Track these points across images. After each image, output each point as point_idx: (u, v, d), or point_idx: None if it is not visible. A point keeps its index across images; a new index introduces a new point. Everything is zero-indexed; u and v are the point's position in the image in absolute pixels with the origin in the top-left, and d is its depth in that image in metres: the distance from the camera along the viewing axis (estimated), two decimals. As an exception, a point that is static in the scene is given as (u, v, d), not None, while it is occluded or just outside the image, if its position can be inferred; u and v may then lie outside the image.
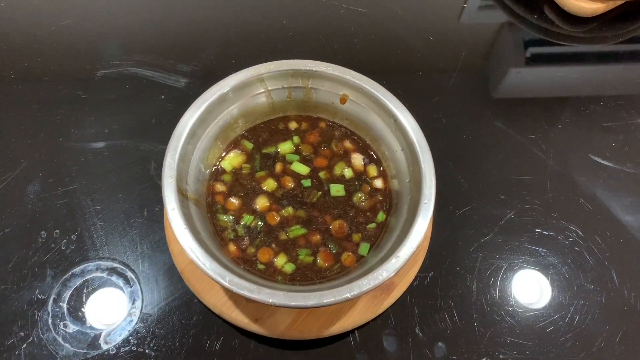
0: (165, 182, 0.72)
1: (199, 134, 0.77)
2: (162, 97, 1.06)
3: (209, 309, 0.80)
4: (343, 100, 0.84)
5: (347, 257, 0.76)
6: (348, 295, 0.66)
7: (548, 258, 0.96)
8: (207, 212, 0.77)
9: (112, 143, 0.99)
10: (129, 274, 0.85)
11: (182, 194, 0.71)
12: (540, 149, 1.10)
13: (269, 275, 0.73)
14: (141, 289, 0.83)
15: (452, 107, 1.10)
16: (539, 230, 0.98)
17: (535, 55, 1.27)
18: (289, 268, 0.73)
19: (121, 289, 0.83)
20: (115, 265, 0.85)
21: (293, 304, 0.65)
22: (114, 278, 0.84)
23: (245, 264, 0.73)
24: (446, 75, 1.19)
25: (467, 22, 1.33)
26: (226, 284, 0.66)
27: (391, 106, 0.81)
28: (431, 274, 0.91)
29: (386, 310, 0.81)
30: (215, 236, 0.75)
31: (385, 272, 0.68)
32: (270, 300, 0.65)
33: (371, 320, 0.80)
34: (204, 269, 0.67)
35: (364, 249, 0.76)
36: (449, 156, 1.06)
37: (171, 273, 0.84)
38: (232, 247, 0.75)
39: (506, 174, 1.01)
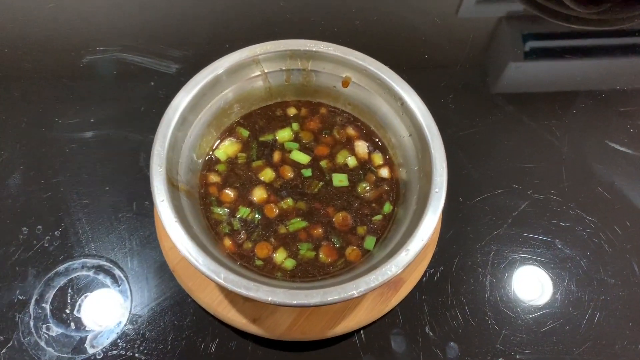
0: (153, 171, 0.68)
1: (190, 120, 0.74)
2: (152, 83, 1.03)
3: (203, 309, 0.78)
4: (345, 83, 0.81)
5: (351, 252, 0.73)
6: (354, 292, 0.62)
7: (565, 251, 0.92)
8: (200, 205, 0.74)
9: (99, 133, 0.96)
10: (117, 272, 0.82)
11: (172, 184, 0.68)
12: (554, 135, 1.06)
13: (268, 271, 0.70)
14: (130, 288, 0.80)
15: (461, 92, 1.07)
16: (555, 222, 0.95)
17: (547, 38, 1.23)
18: (289, 264, 0.71)
19: (109, 288, 0.80)
20: (102, 262, 0.82)
21: (294, 302, 0.61)
22: (100, 277, 0.81)
23: (242, 260, 0.71)
24: (454, 58, 1.16)
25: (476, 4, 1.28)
26: (221, 282, 0.62)
27: (398, 88, 0.77)
28: (441, 269, 0.87)
29: (394, 309, 0.79)
30: (209, 230, 0.72)
31: (394, 267, 0.64)
32: (270, 299, 0.61)
33: (378, 320, 0.78)
34: (196, 265, 0.63)
35: (369, 242, 0.73)
36: (458, 144, 1.02)
37: (162, 271, 0.81)
38: (227, 242, 0.72)
39: (519, 162, 0.99)
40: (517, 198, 0.95)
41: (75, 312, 0.78)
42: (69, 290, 0.79)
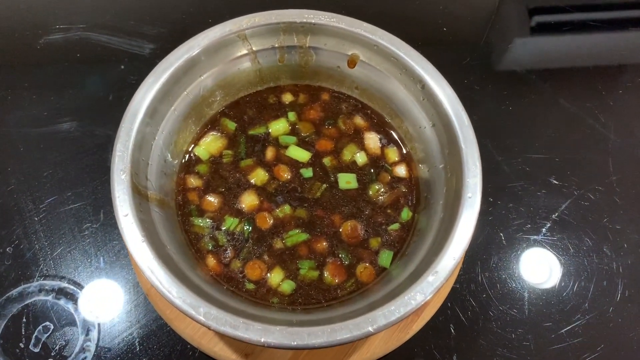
0: (114, 178, 0.60)
1: (161, 112, 0.69)
2: (122, 67, 0.98)
3: (184, 341, 0.72)
4: (352, 62, 0.75)
5: (363, 270, 0.68)
6: (369, 328, 0.54)
7: (616, 259, 0.83)
8: (178, 216, 0.70)
9: (58, 128, 0.90)
10: (82, 296, 0.76)
11: (139, 193, 0.62)
12: (597, 120, 0.97)
13: (261, 297, 0.66)
14: (97, 316, 0.75)
15: (487, 71, 1.02)
16: (605, 223, 0.86)
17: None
18: (288, 287, 0.66)
19: (71, 316, 0.75)
20: (64, 285, 0.77)
21: (294, 344, 0.54)
22: (62, 302, 0.76)
23: (229, 284, 0.66)
24: (478, 32, 1.08)
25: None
26: (200, 318, 0.54)
27: (417, 68, 0.69)
28: (471, 286, 0.80)
29: (415, 336, 0.72)
30: (188, 248, 0.68)
31: (419, 294, 0.56)
32: (263, 340, 0.54)
33: (396, 349, 0.72)
34: (169, 297, 0.55)
35: (385, 258, 0.68)
36: (485, 132, 0.93)
37: (136, 294, 0.77)
38: (211, 262, 0.67)
39: (558, 153, 0.93)
40: (557, 196, 0.88)
41: (31, 347, 0.72)
42: (24, 320, 0.74)
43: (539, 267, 0.82)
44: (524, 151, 0.92)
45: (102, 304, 0.76)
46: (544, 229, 0.85)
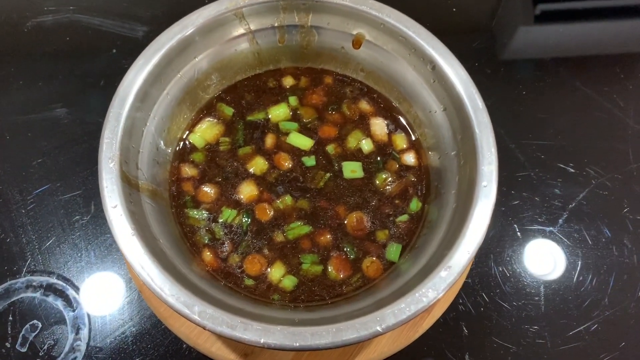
0: (102, 167, 0.58)
1: (153, 96, 0.66)
2: (114, 51, 0.96)
3: (180, 340, 0.70)
4: (357, 42, 0.73)
5: (370, 265, 0.66)
6: (378, 328, 0.52)
7: (638, 253, 0.80)
8: (171, 207, 0.68)
9: (47, 115, 0.88)
10: (71, 292, 0.75)
11: (129, 183, 0.60)
12: (616, 105, 0.94)
13: (261, 294, 0.64)
14: (88, 314, 0.73)
15: (499, 54, 1.00)
16: (625, 214, 0.83)
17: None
18: (289, 283, 0.64)
19: (61, 313, 0.73)
20: (53, 280, 0.75)
21: (297, 344, 0.51)
22: (50, 299, 0.74)
23: (227, 280, 0.64)
24: (489, 11, 1.05)
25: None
26: (195, 318, 0.51)
27: (428, 47, 0.66)
28: (484, 280, 0.78)
29: (425, 334, 0.70)
30: (182, 241, 0.65)
31: (431, 291, 0.53)
32: (263, 341, 0.51)
33: (405, 348, 0.69)
34: (161, 295, 0.52)
35: (394, 252, 0.66)
36: (497, 118, 0.86)
37: (129, 290, 0.75)
38: (207, 256, 0.65)
39: (575, 140, 0.90)
40: (574, 185, 0.86)
41: (17, 347, 0.71)
42: (10, 318, 0.72)
43: (555, 261, 0.80)
44: (538, 138, 0.90)
45: (93, 300, 0.74)
46: (560, 220, 0.82)
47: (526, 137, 0.90)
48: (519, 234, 0.81)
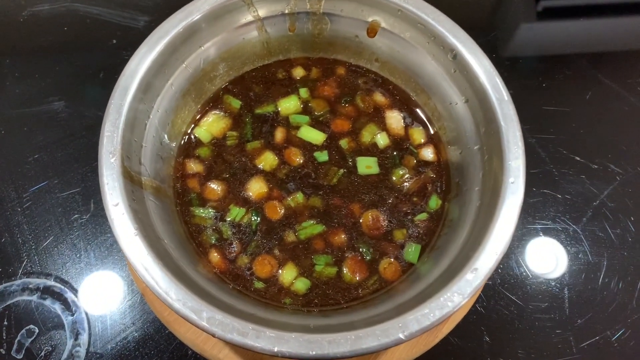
0: (103, 162, 0.56)
1: (156, 87, 0.65)
2: (114, 41, 0.95)
3: (185, 346, 0.69)
4: (372, 30, 0.71)
5: (388, 266, 0.64)
6: (400, 335, 0.50)
7: None
8: (176, 206, 0.66)
9: (44, 109, 0.87)
10: (70, 295, 0.73)
11: (131, 179, 0.58)
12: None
13: (272, 297, 0.62)
14: (87, 318, 0.72)
15: (518, 43, 0.98)
16: None
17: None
18: (302, 285, 0.63)
19: (59, 318, 0.72)
20: (50, 283, 0.74)
21: (312, 353, 0.49)
22: (48, 302, 0.73)
23: (236, 282, 0.62)
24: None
25: None
26: (204, 324, 0.49)
27: (449, 35, 0.64)
28: (505, 283, 0.76)
29: (444, 339, 0.68)
30: (188, 242, 0.64)
31: (456, 295, 0.51)
32: (276, 349, 0.49)
33: (423, 354, 0.68)
34: (167, 300, 0.50)
35: (412, 252, 0.64)
36: (517, 113, 0.86)
37: (131, 293, 0.74)
38: (214, 257, 0.64)
39: (599, 135, 0.89)
40: (598, 181, 0.84)
41: (13, 353, 0.69)
42: (5, 323, 0.71)
43: (579, 262, 0.77)
44: (560, 132, 0.88)
45: (93, 304, 0.73)
46: (584, 219, 0.80)
47: (547, 132, 0.88)
48: (540, 233, 0.79)
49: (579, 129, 0.88)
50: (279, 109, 0.72)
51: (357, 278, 0.62)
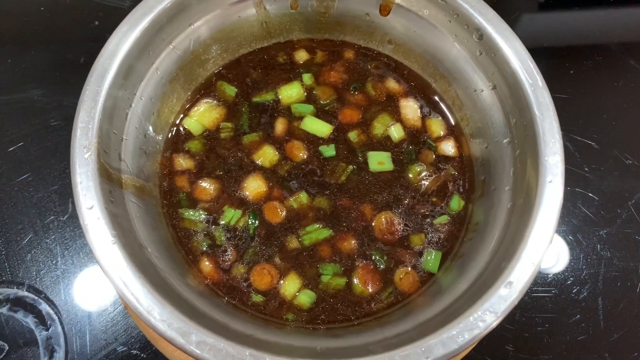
0: (75, 158, 0.52)
1: (139, 71, 0.62)
2: (96, 23, 0.91)
3: None
4: (385, 8, 0.69)
5: (404, 277, 0.62)
6: None
7: None
8: (162, 207, 0.63)
9: (18, 97, 0.84)
10: (45, 307, 0.70)
11: (109, 178, 0.54)
12: None
13: (272, 313, 0.60)
14: (64, 333, 0.69)
15: (544, 26, 0.96)
16: None
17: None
18: (306, 299, 0.60)
19: (32, 333, 0.68)
20: (22, 293, 0.71)
21: None
22: (19, 315, 0.69)
23: (231, 295, 0.60)
24: None
25: None
26: (193, 350, 0.46)
27: (474, 13, 0.61)
28: (532, 293, 0.72)
29: (466, 356, 0.65)
30: (176, 249, 0.61)
31: (488, 313, 0.48)
32: None
33: None
34: (149, 320, 0.46)
35: (432, 261, 0.62)
36: None
37: (112, 306, 0.70)
38: (206, 266, 0.61)
39: (632, 126, 0.86)
40: (633, 178, 0.82)
41: None
42: None
43: (614, 268, 0.74)
44: (589, 124, 0.86)
45: (70, 317, 0.70)
46: (619, 220, 0.78)
47: (576, 124, 0.85)
48: (570, 237, 0.76)
49: (610, 119, 0.84)
50: (280, 97, 0.70)
51: (370, 290, 0.60)
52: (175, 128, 0.66)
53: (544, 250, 0.49)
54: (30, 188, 0.77)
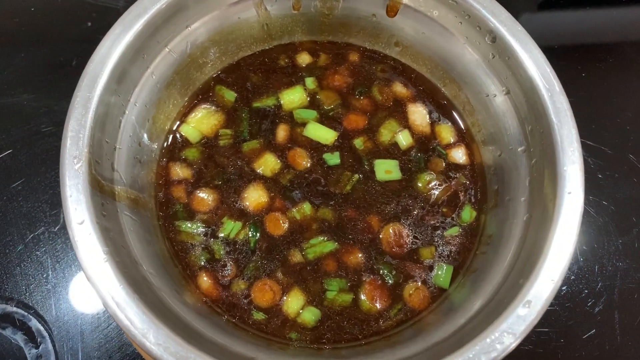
0: (65, 170, 0.50)
1: (133, 76, 0.60)
2: (89, 24, 0.89)
3: None
4: (393, 8, 0.67)
5: (414, 292, 0.60)
6: None
7: None
8: (158, 219, 0.61)
9: (7, 102, 0.83)
10: (35, 323, 0.68)
11: (101, 190, 0.52)
12: None
13: (275, 332, 0.58)
14: (55, 351, 0.67)
15: (547, 21, 0.95)
16: None
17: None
18: (310, 316, 0.59)
19: (20, 351, 0.67)
20: (11, 309, 0.69)
21: None
22: (7, 332, 0.67)
23: (231, 313, 0.58)
24: None
25: None
26: None
27: (487, 14, 0.59)
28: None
29: None
30: (173, 264, 0.59)
31: (506, 335, 0.46)
32: None
33: None
34: (144, 344, 0.44)
35: (443, 275, 0.61)
36: None
37: (106, 321, 0.69)
38: (204, 282, 0.60)
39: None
40: None
41: None
42: None
43: (631, 279, 0.72)
44: (602, 127, 0.85)
45: (62, 333, 0.68)
46: (635, 229, 0.76)
47: (587, 128, 0.82)
48: (584, 247, 0.74)
49: (625, 122, 0.83)
50: (282, 102, 0.68)
51: (378, 307, 0.59)
52: (171, 135, 0.65)
53: (564, 267, 0.47)
54: (20, 197, 0.75)
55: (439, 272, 0.58)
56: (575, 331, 0.69)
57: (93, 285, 0.45)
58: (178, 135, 0.65)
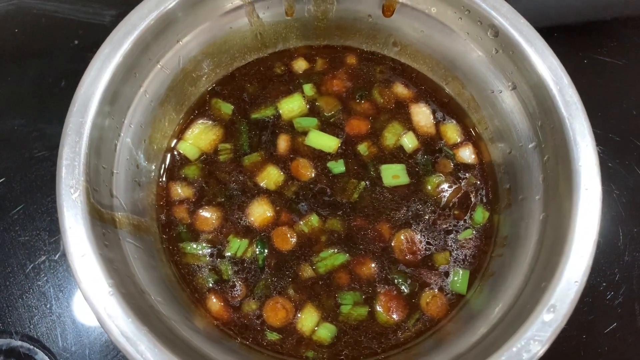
0: (62, 201, 0.48)
1: (126, 96, 0.58)
2: (76, 42, 0.88)
3: None
4: (389, 8, 0.66)
5: (431, 300, 0.59)
6: None
7: None
8: (162, 243, 0.60)
9: None
10: (41, 356, 0.66)
11: (101, 219, 0.50)
12: None
13: (291, 351, 0.57)
14: None
15: (554, 10, 0.91)
16: None
17: None
18: (326, 333, 0.58)
19: None
20: (16, 343, 0.67)
21: None
22: None
23: (244, 336, 0.57)
24: None
25: None
26: None
27: (488, 8, 0.57)
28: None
29: None
30: (180, 288, 0.57)
31: (533, 342, 0.45)
32: None
33: None
34: None
35: (460, 281, 0.59)
36: None
37: (114, 351, 0.67)
38: (213, 305, 0.58)
39: None
40: None
41: None
42: None
43: None
44: (608, 114, 0.82)
45: None
46: None
47: (595, 116, 0.77)
48: (599, 238, 0.69)
49: (631, 107, 0.81)
50: (280, 112, 0.67)
51: (395, 318, 0.58)
52: (169, 154, 0.63)
53: (587, 267, 0.46)
54: (17, 227, 0.73)
55: (455, 278, 0.57)
56: (597, 326, 0.68)
57: (100, 321, 0.43)
58: (176, 154, 0.63)
